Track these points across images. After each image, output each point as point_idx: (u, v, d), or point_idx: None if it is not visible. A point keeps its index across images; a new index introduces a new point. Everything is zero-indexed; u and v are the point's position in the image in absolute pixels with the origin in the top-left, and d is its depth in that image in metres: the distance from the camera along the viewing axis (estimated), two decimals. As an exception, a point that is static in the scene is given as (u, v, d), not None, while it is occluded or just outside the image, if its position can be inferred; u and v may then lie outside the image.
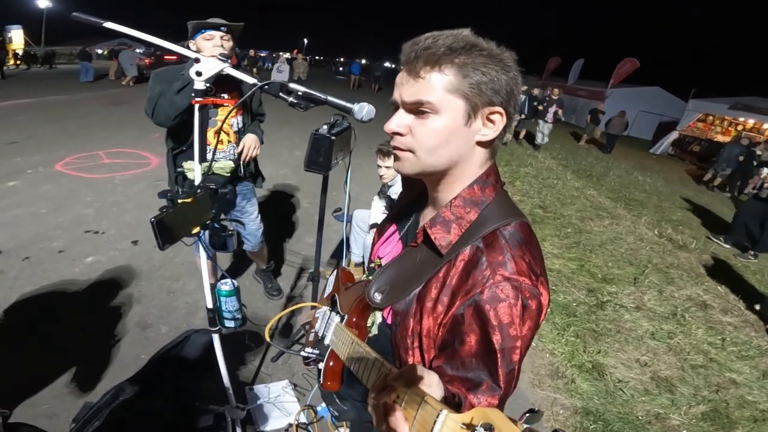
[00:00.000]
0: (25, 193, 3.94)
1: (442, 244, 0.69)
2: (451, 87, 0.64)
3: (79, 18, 0.86)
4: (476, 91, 0.64)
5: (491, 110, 0.66)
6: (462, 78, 0.63)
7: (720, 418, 2.28)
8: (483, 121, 0.67)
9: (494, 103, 0.65)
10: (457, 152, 0.68)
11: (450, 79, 0.63)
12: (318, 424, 1.86)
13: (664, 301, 3.48)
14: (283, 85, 0.82)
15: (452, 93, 0.64)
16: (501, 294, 0.62)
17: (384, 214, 2.73)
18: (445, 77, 0.63)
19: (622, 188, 7.55)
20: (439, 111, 0.65)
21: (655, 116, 16.72)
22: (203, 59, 0.86)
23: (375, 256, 0.93)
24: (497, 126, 0.67)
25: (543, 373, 2.47)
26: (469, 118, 0.65)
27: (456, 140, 0.67)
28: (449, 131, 0.66)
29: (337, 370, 0.89)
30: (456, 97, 0.64)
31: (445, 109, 0.64)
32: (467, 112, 0.65)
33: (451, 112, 0.65)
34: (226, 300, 1.16)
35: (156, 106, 1.80)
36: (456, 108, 0.65)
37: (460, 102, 0.64)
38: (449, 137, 0.66)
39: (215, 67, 0.84)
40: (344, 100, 0.81)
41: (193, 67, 0.85)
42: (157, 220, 0.76)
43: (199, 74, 0.84)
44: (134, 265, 2.93)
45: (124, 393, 1.81)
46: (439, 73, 0.64)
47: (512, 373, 0.63)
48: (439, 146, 0.67)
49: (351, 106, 0.80)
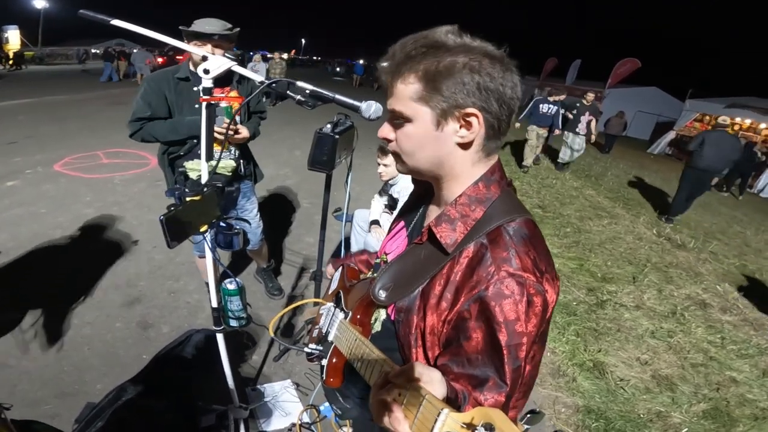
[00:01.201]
0: (25, 192, 3.93)
1: (448, 243, 0.69)
2: (415, 96, 0.65)
3: (86, 16, 0.86)
4: (441, 96, 0.63)
5: (464, 112, 0.65)
6: (425, 84, 0.64)
7: (721, 416, 2.29)
8: (460, 123, 0.66)
9: (466, 104, 0.64)
10: (435, 155, 0.69)
11: (414, 88, 0.65)
12: (321, 423, 1.86)
13: (663, 300, 3.49)
14: (290, 83, 0.82)
15: (417, 102, 0.65)
16: (506, 290, 0.62)
17: (384, 212, 2.74)
18: (409, 87, 0.65)
19: (620, 188, 7.57)
20: (410, 119, 0.67)
21: (653, 116, 16.80)
22: (211, 57, 0.86)
23: (382, 252, 0.94)
24: (474, 128, 0.66)
25: (544, 371, 2.47)
26: (440, 123, 0.66)
27: (430, 145, 0.68)
28: (420, 137, 0.68)
29: (340, 366, 0.89)
30: (421, 104, 0.65)
31: (415, 117, 0.66)
32: (436, 118, 0.66)
33: (420, 119, 0.66)
34: (231, 299, 1.16)
35: (149, 130, 1.88)
36: (424, 115, 0.66)
37: (427, 109, 0.65)
38: (422, 142, 0.68)
39: (223, 65, 0.84)
40: (351, 99, 0.82)
41: (202, 65, 0.85)
42: (166, 218, 0.76)
43: (207, 72, 0.84)
44: (135, 265, 2.93)
45: (127, 393, 1.80)
46: (403, 84, 0.65)
47: (519, 370, 0.63)
48: (414, 150, 0.70)
49: (358, 104, 0.81)
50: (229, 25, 1.82)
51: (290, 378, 2.10)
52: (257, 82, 0.84)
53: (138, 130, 1.90)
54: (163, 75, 1.92)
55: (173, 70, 1.94)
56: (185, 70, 1.91)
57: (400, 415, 0.47)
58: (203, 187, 0.90)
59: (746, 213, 7.66)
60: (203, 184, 0.93)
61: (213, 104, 0.89)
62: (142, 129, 1.90)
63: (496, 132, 0.68)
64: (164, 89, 1.87)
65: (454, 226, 0.70)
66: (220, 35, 1.75)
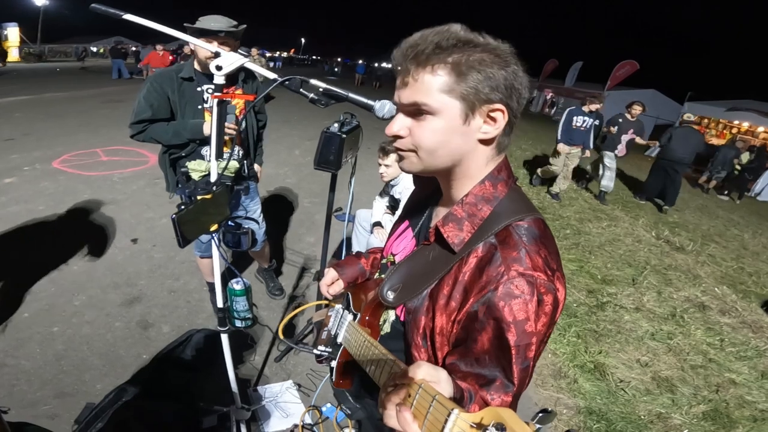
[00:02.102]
0: (23, 189, 3.89)
1: (455, 242, 0.69)
2: (445, 87, 0.62)
3: (98, 10, 0.85)
4: (472, 89, 0.62)
5: (491, 108, 0.64)
6: (456, 77, 0.62)
7: (720, 418, 2.30)
8: (483, 118, 0.65)
9: (493, 100, 0.64)
10: (457, 151, 0.67)
11: (444, 80, 0.62)
12: (323, 424, 1.85)
13: (662, 302, 3.51)
14: (304, 80, 0.81)
15: (447, 93, 0.63)
16: (516, 290, 0.61)
17: (386, 213, 2.73)
18: (438, 78, 0.62)
19: (619, 190, 7.58)
20: (436, 112, 0.64)
21: (651, 119, 16.84)
22: (224, 53, 0.85)
23: (388, 253, 0.93)
24: (499, 123, 0.65)
25: (546, 373, 2.47)
26: (467, 117, 0.64)
27: (455, 140, 0.66)
28: (447, 132, 0.65)
29: (349, 368, 0.88)
30: (451, 97, 0.63)
31: (442, 110, 0.63)
32: (464, 111, 0.64)
33: (448, 113, 0.64)
34: (238, 299, 1.15)
35: (151, 134, 1.89)
36: (452, 108, 0.63)
37: (456, 102, 0.63)
38: (448, 138, 0.65)
39: (236, 61, 0.83)
40: (365, 98, 0.81)
41: (214, 62, 0.84)
42: (178, 217, 0.74)
43: (219, 68, 0.83)
44: (134, 264, 2.91)
45: (127, 394, 1.79)
46: (431, 74, 0.62)
47: (526, 370, 0.63)
48: (438, 147, 0.66)
49: (372, 103, 0.80)
50: (234, 22, 1.80)
51: (291, 379, 2.09)
52: (270, 79, 0.83)
53: (140, 132, 1.89)
54: (167, 74, 1.89)
55: (177, 69, 1.92)
56: (189, 69, 1.89)
57: (410, 416, 0.46)
58: (212, 186, 0.89)
59: (743, 216, 7.69)
60: (213, 182, 0.92)
61: (225, 102, 0.88)
62: (144, 132, 1.89)
63: (511, 129, 0.69)
64: (167, 89, 1.86)
65: (461, 226, 0.70)
66: (226, 32, 1.73)
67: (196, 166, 1.89)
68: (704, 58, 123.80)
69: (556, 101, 20.91)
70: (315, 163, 1.67)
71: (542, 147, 10.61)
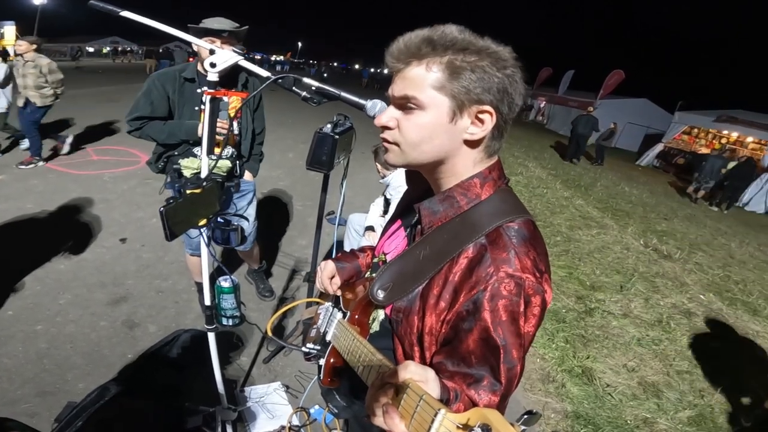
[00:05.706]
0: (12, 187, 3.83)
1: (425, 223, 0.73)
2: (437, 84, 0.63)
3: (96, 6, 0.84)
4: (463, 89, 0.63)
5: (480, 109, 0.65)
6: (449, 75, 0.63)
7: (706, 423, 2.33)
8: (471, 119, 0.66)
9: (483, 101, 0.64)
10: (441, 149, 0.68)
11: (437, 76, 0.63)
12: (311, 426, 1.83)
13: (650, 309, 3.55)
14: (297, 79, 0.82)
15: (438, 90, 0.64)
16: (504, 291, 0.62)
17: (380, 217, 2.73)
18: (431, 74, 0.63)
19: (609, 198, 7.69)
20: (424, 107, 0.65)
21: (642, 128, 17.09)
22: (218, 51, 0.85)
23: (380, 252, 0.93)
24: (486, 125, 0.66)
25: (534, 377, 2.49)
26: (455, 116, 0.65)
27: (439, 137, 0.67)
28: (432, 127, 0.66)
29: (338, 367, 0.88)
30: (441, 94, 0.64)
31: (430, 105, 0.64)
32: (452, 110, 0.64)
33: (436, 109, 0.65)
34: (225, 297, 1.14)
35: (147, 132, 1.89)
36: (440, 105, 0.64)
37: (445, 100, 0.64)
38: (432, 133, 0.66)
39: (230, 59, 0.83)
40: (357, 97, 0.82)
41: (208, 59, 0.85)
42: (166, 210, 0.74)
43: (213, 66, 0.83)
44: (122, 263, 2.87)
45: (109, 392, 1.75)
46: (425, 70, 0.63)
47: (514, 370, 0.63)
48: (421, 141, 0.67)
49: (364, 102, 0.81)
50: (237, 24, 1.82)
51: (279, 380, 2.07)
52: (263, 77, 0.84)
53: (137, 128, 1.90)
54: (170, 73, 1.91)
55: (181, 68, 1.92)
56: (192, 70, 1.90)
57: (397, 416, 0.46)
58: (203, 181, 0.89)
59: (730, 225, 7.83)
60: (203, 177, 0.92)
61: (217, 99, 0.89)
62: (142, 129, 1.90)
63: (500, 133, 0.69)
64: (168, 88, 1.86)
65: (436, 210, 0.73)
66: (229, 32, 1.75)
67: (189, 163, 1.88)
68: (697, 68, 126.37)
69: (548, 111, 21.07)
70: (307, 164, 1.67)
71: (534, 154, 10.72)
